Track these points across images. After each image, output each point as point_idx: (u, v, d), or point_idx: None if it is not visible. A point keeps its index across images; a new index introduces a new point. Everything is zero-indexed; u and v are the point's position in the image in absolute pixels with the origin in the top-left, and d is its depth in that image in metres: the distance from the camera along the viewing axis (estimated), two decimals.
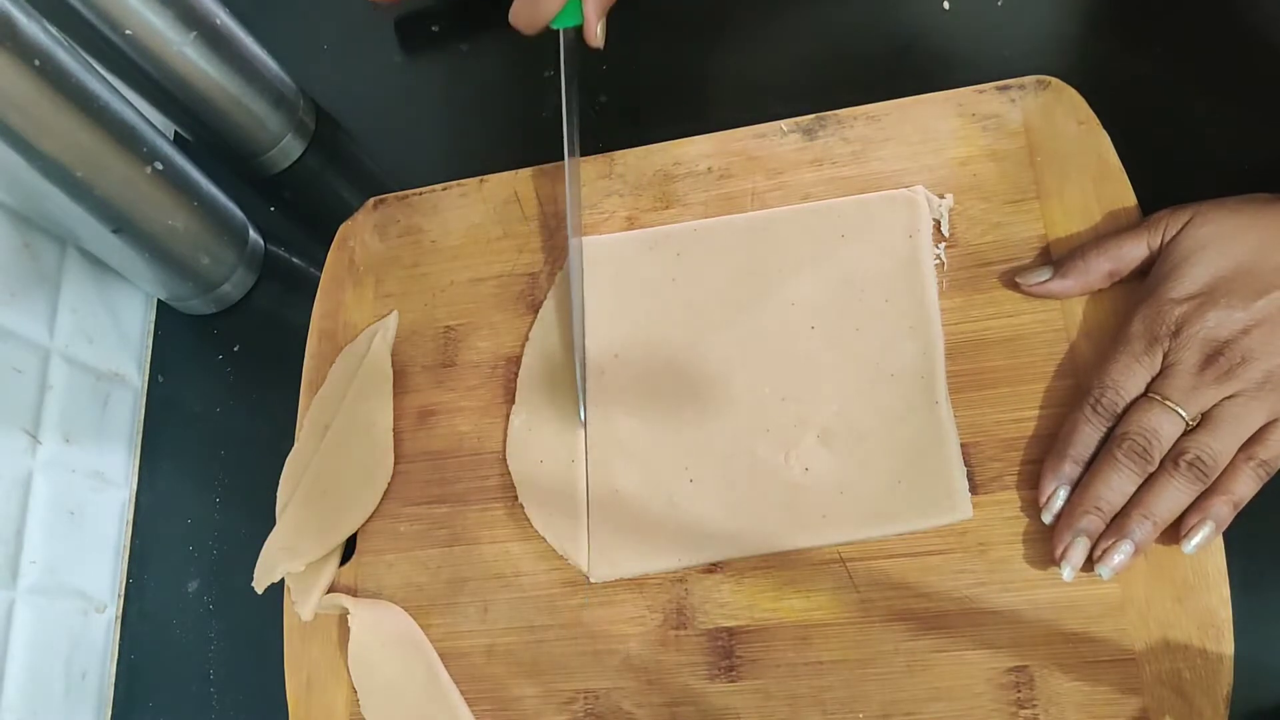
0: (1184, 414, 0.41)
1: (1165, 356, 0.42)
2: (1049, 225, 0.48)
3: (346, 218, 0.60)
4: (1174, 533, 0.42)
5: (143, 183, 0.54)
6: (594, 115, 0.60)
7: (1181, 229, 0.43)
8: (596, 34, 0.51)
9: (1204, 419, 0.41)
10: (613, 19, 0.51)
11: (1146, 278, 0.44)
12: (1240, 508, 0.41)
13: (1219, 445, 0.41)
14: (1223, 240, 0.42)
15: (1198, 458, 0.40)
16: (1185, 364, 0.41)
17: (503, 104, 0.63)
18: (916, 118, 0.52)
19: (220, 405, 0.60)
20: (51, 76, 0.48)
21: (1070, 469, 0.43)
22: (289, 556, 0.51)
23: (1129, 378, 0.42)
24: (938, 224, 0.50)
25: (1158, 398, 0.42)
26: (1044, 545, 0.43)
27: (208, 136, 0.62)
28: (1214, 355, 0.41)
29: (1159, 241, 0.44)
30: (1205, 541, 0.41)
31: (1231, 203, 0.43)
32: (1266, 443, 0.41)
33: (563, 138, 0.52)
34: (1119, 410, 0.43)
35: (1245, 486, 0.41)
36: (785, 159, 0.53)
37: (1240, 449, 0.41)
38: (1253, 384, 0.40)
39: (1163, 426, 0.41)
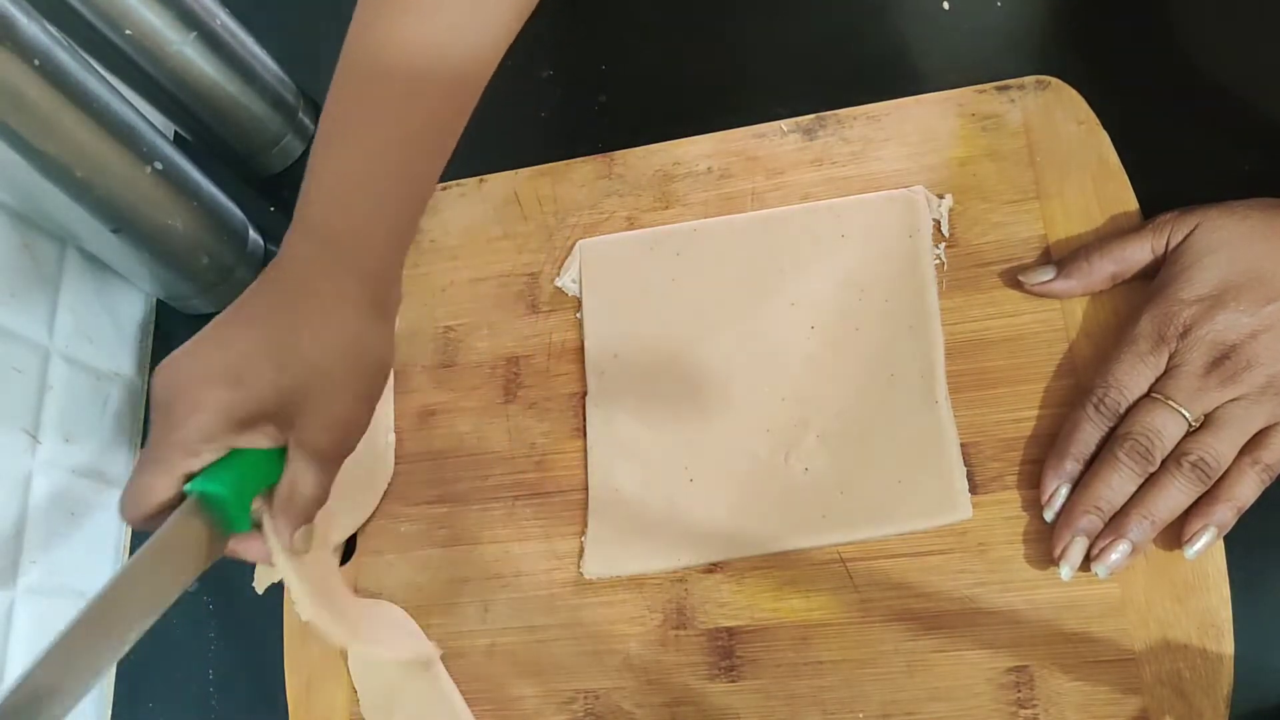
0: (1188, 415, 0.41)
1: (1171, 358, 0.42)
2: (1049, 225, 0.48)
3: None
4: (1175, 535, 0.42)
5: (143, 183, 0.54)
6: (594, 115, 0.60)
7: (1190, 233, 0.43)
8: (297, 544, 0.38)
9: (1206, 421, 0.41)
10: (615, 18, 0.51)
11: (1154, 279, 0.44)
12: (1242, 512, 0.41)
13: (1222, 447, 0.41)
14: (1233, 245, 0.42)
15: (1201, 459, 0.40)
16: (1191, 365, 0.41)
17: (502, 104, 0.63)
18: (916, 118, 0.52)
19: None
20: (51, 76, 0.48)
21: (1072, 467, 0.43)
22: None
23: (1133, 377, 0.42)
24: (938, 224, 0.50)
25: (1161, 398, 0.42)
26: (1044, 545, 0.43)
27: (208, 136, 0.62)
28: (1220, 359, 0.41)
29: (1163, 245, 0.44)
30: (1207, 547, 0.41)
31: (1240, 209, 0.43)
32: (1269, 446, 0.41)
33: None
34: (1121, 410, 0.42)
35: (1248, 490, 0.41)
36: (785, 159, 0.53)
37: (1242, 453, 0.41)
38: (1255, 388, 0.41)
39: (1166, 427, 0.41)
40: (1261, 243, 0.42)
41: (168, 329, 0.63)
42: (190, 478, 0.37)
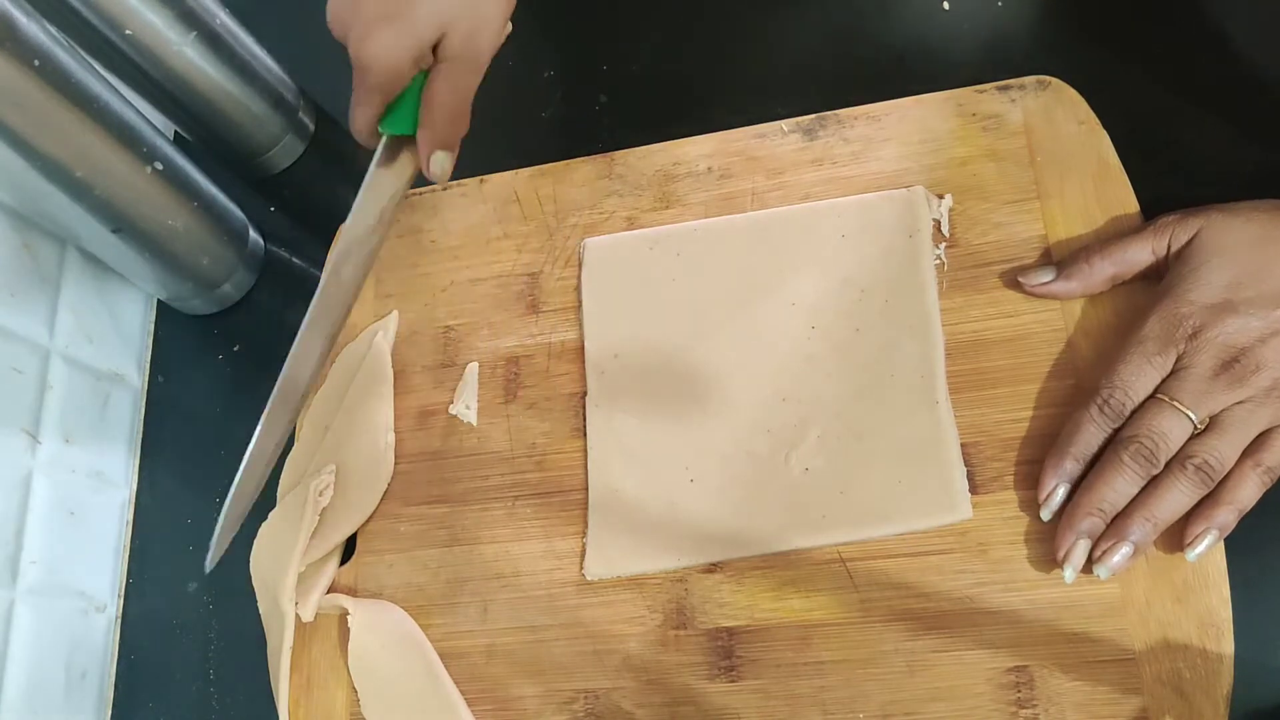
0: (1194, 418, 0.41)
1: (1179, 360, 0.42)
2: (1049, 225, 0.48)
3: (346, 218, 0.59)
4: (1175, 537, 0.42)
5: (143, 183, 0.54)
6: (594, 115, 0.60)
7: (1196, 234, 0.43)
8: (431, 167, 0.46)
9: (1210, 423, 0.41)
10: (616, 18, 0.51)
11: (1161, 281, 0.44)
12: (1244, 514, 0.41)
13: (1226, 450, 0.41)
14: (1239, 248, 0.42)
15: (1205, 461, 0.40)
16: (1200, 368, 0.41)
17: (503, 104, 0.63)
18: (916, 118, 0.52)
19: (220, 405, 0.60)
20: (51, 76, 0.48)
21: (1072, 467, 0.43)
22: None
23: (1140, 379, 0.42)
24: (938, 224, 0.50)
25: (1167, 400, 0.42)
26: (1044, 545, 0.43)
27: (208, 136, 0.62)
28: (1229, 362, 0.41)
29: (1164, 247, 0.44)
30: (1209, 549, 0.41)
31: (1244, 210, 0.43)
32: (1271, 449, 0.41)
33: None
34: (1126, 412, 0.42)
35: (1250, 493, 0.41)
36: (785, 159, 0.53)
37: (1245, 455, 0.41)
38: (1260, 391, 0.41)
39: (1172, 430, 0.41)
40: (1271, 246, 0.42)
41: (168, 329, 0.63)
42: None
